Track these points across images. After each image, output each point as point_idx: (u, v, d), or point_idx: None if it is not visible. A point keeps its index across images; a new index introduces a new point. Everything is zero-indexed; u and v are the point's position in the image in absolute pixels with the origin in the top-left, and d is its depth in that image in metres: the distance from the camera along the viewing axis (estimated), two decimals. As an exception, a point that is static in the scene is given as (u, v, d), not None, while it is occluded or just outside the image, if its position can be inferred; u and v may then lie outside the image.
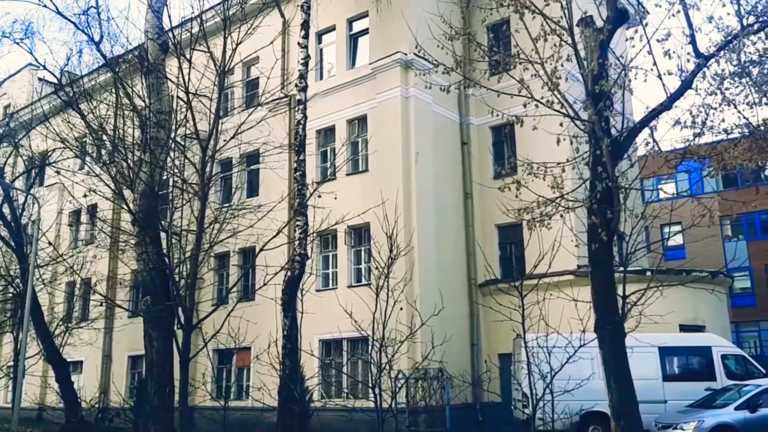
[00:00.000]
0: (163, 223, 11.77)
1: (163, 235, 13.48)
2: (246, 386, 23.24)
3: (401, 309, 9.25)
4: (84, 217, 30.24)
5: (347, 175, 21.87)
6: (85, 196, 16.70)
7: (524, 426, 16.29)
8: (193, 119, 10.21)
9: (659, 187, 24.38)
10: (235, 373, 23.87)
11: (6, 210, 23.77)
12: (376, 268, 8.96)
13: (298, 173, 19.38)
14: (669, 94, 9.55)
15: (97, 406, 26.77)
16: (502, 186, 10.13)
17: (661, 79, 9.52)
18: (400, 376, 17.29)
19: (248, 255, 24.09)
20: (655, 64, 9.54)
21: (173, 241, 10.76)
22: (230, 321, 24.45)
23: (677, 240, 33.47)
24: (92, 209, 30.57)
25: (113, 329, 27.99)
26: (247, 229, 16.21)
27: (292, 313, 18.67)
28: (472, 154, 22.76)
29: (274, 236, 13.20)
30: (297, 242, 18.86)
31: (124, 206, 14.86)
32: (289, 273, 18.80)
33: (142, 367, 27.05)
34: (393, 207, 17.42)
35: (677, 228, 24.42)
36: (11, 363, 20.86)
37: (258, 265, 11.91)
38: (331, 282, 22.00)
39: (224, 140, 11.32)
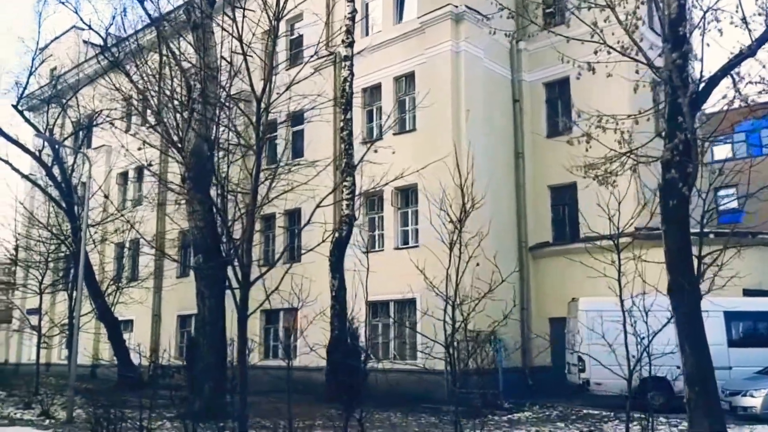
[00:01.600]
0: (216, 178, 11.45)
1: (214, 192, 13.25)
2: (293, 346, 23.35)
3: (477, 265, 8.90)
4: (132, 177, 30.53)
5: (395, 134, 21.34)
6: (139, 149, 16.50)
7: (580, 390, 15.90)
8: (248, 70, 9.85)
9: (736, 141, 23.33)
10: (282, 333, 23.97)
11: (56, 171, 24.05)
12: (450, 221, 8.53)
13: (345, 132, 19.04)
14: (754, 39, 8.79)
15: (151, 362, 27.36)
16: (569, 139, 9.48)
17: (745, 21, 8.76)
18: (455, 339, 17.09)
19: (293, 217, 23.97)
20: (740, 5, 8.77)
21: (227, 197, 10.50)
22: (276, 282, 24.67)
23: (732, 204, 32.16)
24: (140, 170, 30.91)
25: (162, 289, 28.42)
26: (295, 188, 15.94)
27: (339, 274, 18.52)
28: (524, 111, 21.98)
29: (329, 194, 12.86)
30: (344, 203, 18.61)
31: (176, 161, 14.69)
32: (336, 234, 18.60)
33: (191, 326, 27.56)
34: (443, 167, 16.88)
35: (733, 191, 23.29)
36: (65, 321, 21.21)
37: (313, 222, 11.55)
38: (377, 244, 21.72)
39: (277, 93, 10.93)
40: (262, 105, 9.78)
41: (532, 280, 21.07)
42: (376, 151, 17.39)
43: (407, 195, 21.32)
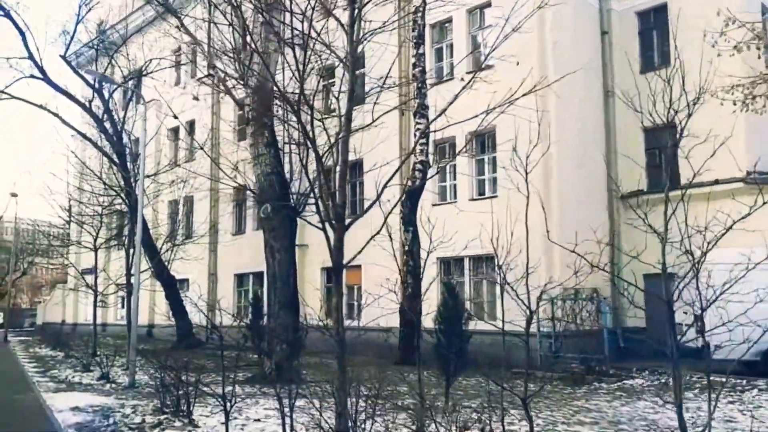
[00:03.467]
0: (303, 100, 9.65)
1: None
2: (357, 306, 22.00)
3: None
4: (184, 131, 29.29)
5: (468, 73, 19.31)
6: (195, 98, 14.94)
7: (697, 354, 14.01)
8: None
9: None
10: (345, 292, 22.59)
11: (107, 126, 22.84)
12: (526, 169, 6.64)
13: (417, 69, 17.14)
14: None
15: (209, 323, 26.43)
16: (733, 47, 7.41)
17: None
18: (545, 297, 15.34)
19: (354, 170, 22.30)
20: None
21: (314, 123, 8.73)
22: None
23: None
24: (192, 124, 29.63)
25: (218, 247, 27.33)
26: (368, 127, 14.19)
27: (413, 228, 16.86)
28: (613, 44, 19.66)
29: (420, 138, 11.06)
30: (417, 149, 16.82)
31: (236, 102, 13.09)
32: (409, 183, 16.88)
33: (249, 285, 26.46)
34: (524, 109, 14.87)
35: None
36: (121, 280, 20.16)
37: (378, 166, 9.91)
38: (449, 195, 19.94)
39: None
40: (356, 6, 8.01)
41: (623, 232, 19.01)
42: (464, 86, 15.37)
43: (484, 141, 19.42)
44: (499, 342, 14.30)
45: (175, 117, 21.07)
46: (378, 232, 7.59)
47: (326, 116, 9.40)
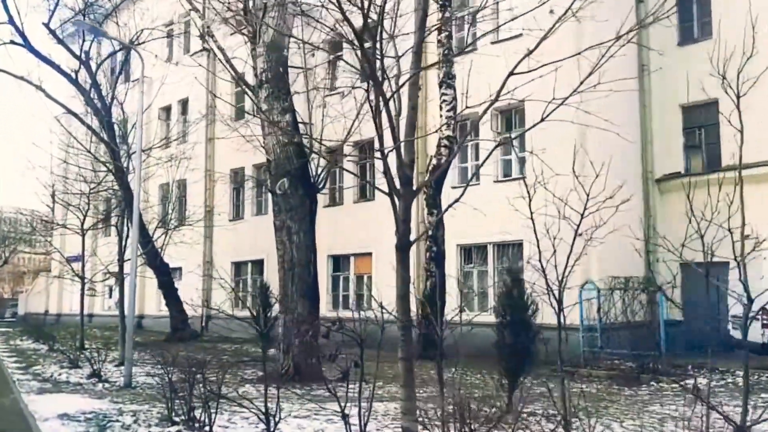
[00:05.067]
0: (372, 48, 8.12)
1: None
2: (367, 296, 20.47)
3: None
4: (177, 110, 27.54)
5: (492, 43, 17.75)
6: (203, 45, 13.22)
7: (763, 350, 12.68)
8: None
9: None
10: (353, 282, 21.04)
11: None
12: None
13: (443, 35, 15.57)
14: None
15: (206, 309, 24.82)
16: None
17: None
18: (589, 287, 13.89)
19: (365, 149, 20.69)
20: None
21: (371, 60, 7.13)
22: (340, 225, 21.58)
23: None
24: (185, 103, 27.85)
25: (214, 233, 25.62)
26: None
27: (438, 210, 15.31)
28: (648, 14, 18.13)
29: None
30: (444, 122, 15.28)
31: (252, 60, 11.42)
32: (434, 161, 15.34)
33: (248, 274, 24.80)
34: (553, 82, 13.29)
35: None
36: (110, 268, 18.40)
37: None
38: (471, 176, 18.38)
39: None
40: None
41: (659, 218, 17.59)
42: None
43: (510, 116, 17.90)
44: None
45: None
46: (457, 200, 6.03)
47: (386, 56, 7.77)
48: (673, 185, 17.72)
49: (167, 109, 28.88)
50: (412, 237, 6.24)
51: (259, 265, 24.13)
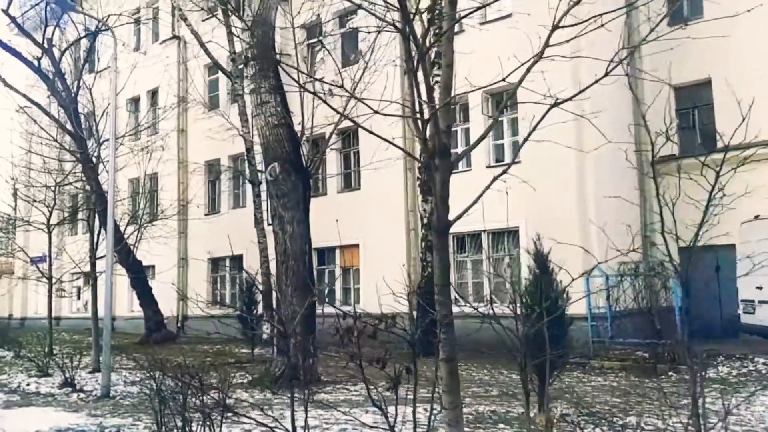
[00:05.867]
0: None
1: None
2: (355, 289, 19.61)
3: None
4: (146, 101, 26.25)
5: (482, 24, 17.02)
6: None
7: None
8: None
9: None
10: (339, 275, 20.14)
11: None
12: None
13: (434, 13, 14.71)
14: None
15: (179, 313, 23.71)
16: None
17: None
18: (597, 273, 13.22)
19: (349, 139, 19.80)
20: None
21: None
22: (323, 215, 20.69)
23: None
24: (154, 93, 26.59)
25: (188, 229, 24.45)
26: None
27: (432, 197, 14.53)
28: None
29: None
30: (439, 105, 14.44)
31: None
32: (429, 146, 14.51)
33: (226, 270, 23.70)
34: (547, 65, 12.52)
35: None
36: (78, 267, 17.15)
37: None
38: (461, 163, 17.60)
39: None
40: None
41: (654, 201, 17.02)
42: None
43: (501, 100, 17.15)
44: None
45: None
46: (505, 171, 5.21)
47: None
48: (668, 168, 17.22)
49: (136, 100, 27.57)
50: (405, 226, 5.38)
51: (237, 261, 23.04)
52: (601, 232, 13.44)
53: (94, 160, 15.01)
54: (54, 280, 17.32)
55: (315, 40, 18.05)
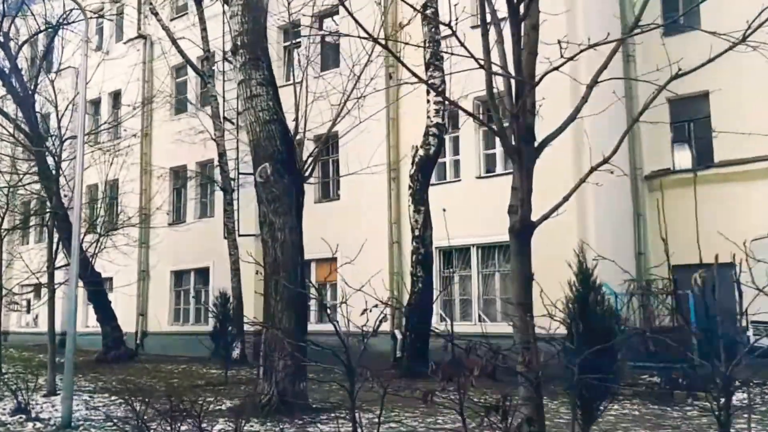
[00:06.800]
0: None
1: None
2: (332, 305, 18.47)
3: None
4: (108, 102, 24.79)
5: (473, 28, 16.27)
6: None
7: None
8: None
9: None
10: (315, 289, 18.96)
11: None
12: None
13: (429, 10, 13.94)
14: None
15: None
16: None
17: None
18: (605, 290, 12.45)
19: (329, 148, 18.75)
20: None
21: None
22: (303, 226, 19.58)
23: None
24: (117, 95, 25.14)
25: (150, 239, 22.96)
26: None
27: (425, 208, 13.65)
28: (634, 3, 17.13)
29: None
30: (432, 110, 13.63)
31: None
32: (421, 152, 13.66)
33: (190, 284, 22.23)
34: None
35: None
36: (32, 278, 15.59)
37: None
38: (449, 173, 16.78)
39: None
40: None
41: (648, 218, 16.50)
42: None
43: (491, 107, 16.43)
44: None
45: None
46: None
47: None
48: (663, 183, 16.74)
49: (96, 103, 26.03)
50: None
51: (203, 273, 21.71)
52: (601, 248, 12.78)
53: (53, 159, 13.63)
54: (5, 292, 15.71)
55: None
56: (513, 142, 4.29)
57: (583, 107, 4.39)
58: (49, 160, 14.91)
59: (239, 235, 18.88)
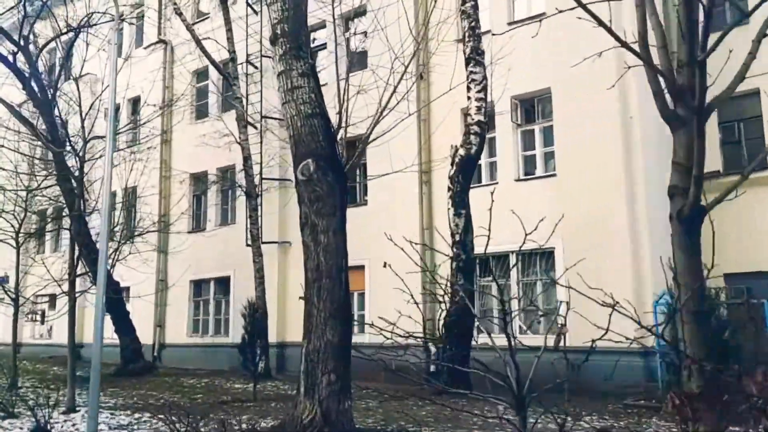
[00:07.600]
0: None
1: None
2: (360, 316, 17.66)
3: None
4: (127, 108, 24.20)
5: (509, 24, 15.56)
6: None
7: None
8: None
9: None
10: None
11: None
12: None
13: (468, 4, 13.22)
14: None
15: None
16: None
17: None
18: (666, 299, 11.59)
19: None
20: None
21: None
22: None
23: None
24: (136, 102, 24.58)
25: (168, 248, 22.26)
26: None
27: (466, 211, 12.84)
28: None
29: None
30: (474, 107, 12.86)
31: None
32: (461, 152, 12.89)
33: (210, 294, 21.49)
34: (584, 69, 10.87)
35: None
36: (58, 286, 14.84)
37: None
38: (485, 176, 15.97)
39: None
40: None
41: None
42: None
43: (532, 105, 15.66)
44: (596, 362, 9.88)
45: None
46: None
47: None
48: (711, 186, 15.82)
49: (116, 109, 25.41)
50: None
51: (224, 283, 20.98)
52: (657, 258, 11.90)
53: (76, 159, 12.97)
54: (21, 302, 15.04)
55: None
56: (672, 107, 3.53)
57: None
58: (70, 162, 14.28)
59: (263, 242, 18.18)
